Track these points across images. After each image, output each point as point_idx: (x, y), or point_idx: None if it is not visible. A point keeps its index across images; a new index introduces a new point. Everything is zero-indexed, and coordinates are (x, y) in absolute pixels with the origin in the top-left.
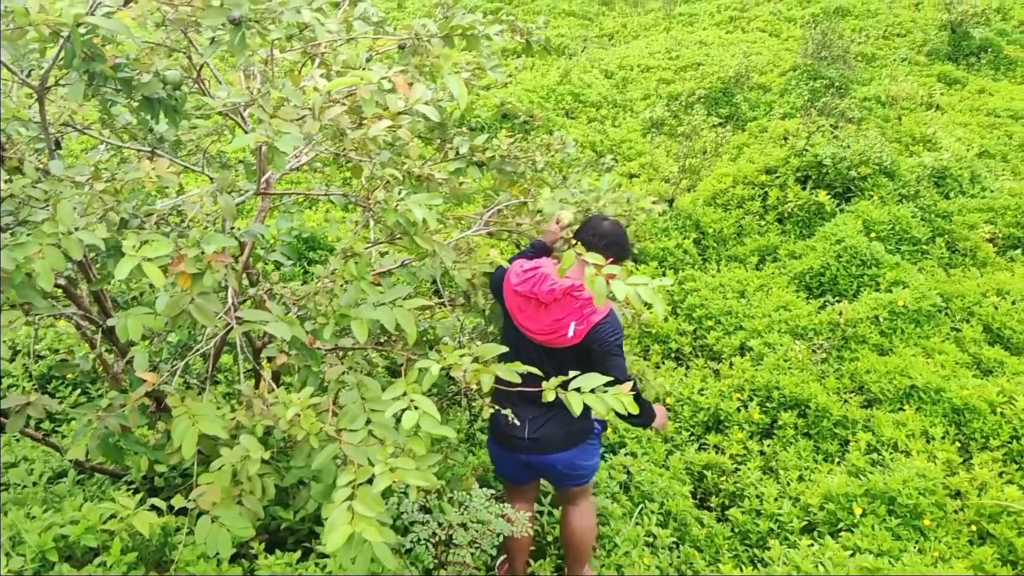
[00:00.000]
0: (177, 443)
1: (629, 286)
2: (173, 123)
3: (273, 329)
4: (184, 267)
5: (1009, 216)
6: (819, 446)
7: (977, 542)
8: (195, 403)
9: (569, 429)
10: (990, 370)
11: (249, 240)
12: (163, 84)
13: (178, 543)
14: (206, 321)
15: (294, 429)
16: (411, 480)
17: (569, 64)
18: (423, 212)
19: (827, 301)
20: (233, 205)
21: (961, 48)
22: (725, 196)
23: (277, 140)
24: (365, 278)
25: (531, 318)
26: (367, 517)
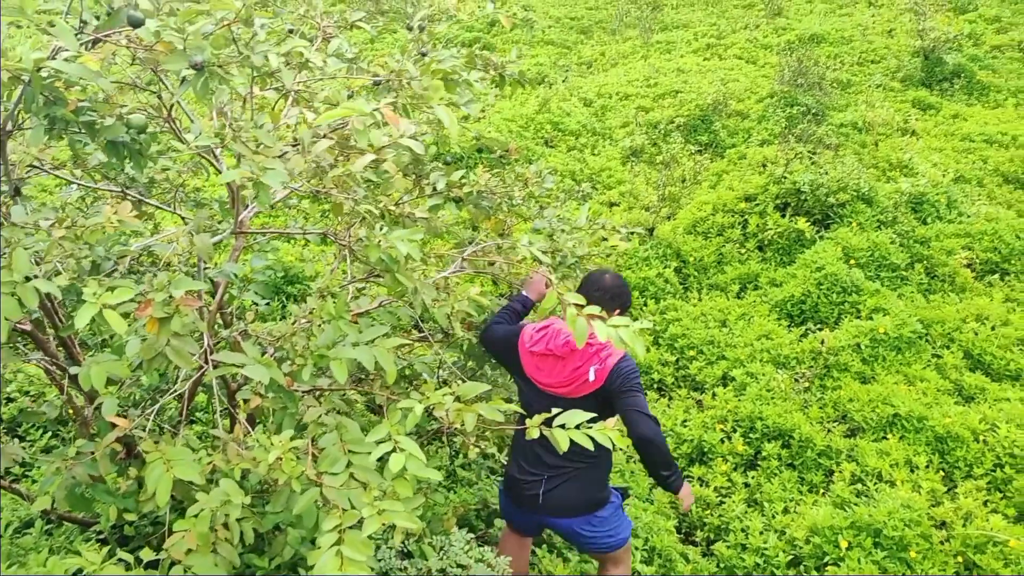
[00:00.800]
0: (151, 490)
1: (611, 328)
2: (138, 166)
3: (250, 372)
4: (151, 312)
5: (986, 241)
6: (803, 477)
7: (964, 573)
8: (169, 448)
9: (586, 495)
10: (972, 397)
11: (223, 280)
12: (127, 128)
13: None
14: (183, 364)
15: (275, 473)
16: (400, 522)
17: (548, 93)
18: (407, 247)
19: (809, 329)
20: (210, 244)
21: (934, 74)
22: (705, 224)
23: (262, 176)
24: (344, 317)
25: (550, 374)
26: (358, 561)
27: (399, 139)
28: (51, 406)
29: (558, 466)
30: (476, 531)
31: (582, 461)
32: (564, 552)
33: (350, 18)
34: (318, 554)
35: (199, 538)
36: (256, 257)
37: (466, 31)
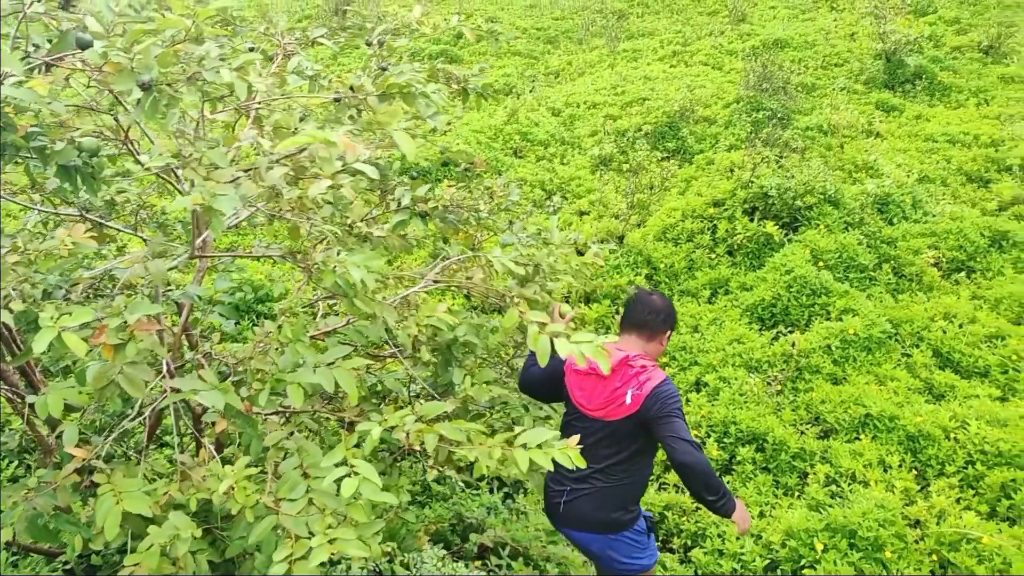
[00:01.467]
0: (100, 523)
1: (573, 344)
2: (91, 190)
3: (205, 398)
4: (105, 338)
5: (951, 240)
6: (778, 480)
7: (938, 571)
8: (122, 480)
9: (602, 514)
10: (942, 395)
11: (187, 302)
12: (79, 152)
13: None
14: (135, 392)
15: (229, 503)
16: (351, 551)
17: (516, 103)
18: (361, 274)
19: (780, 332)
20: (164, 270)
21: (896, 76)
22: (675, 230)
23: (214, 202)
24: (301, 340)
25: (590, 395)
26: None
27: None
28: (11, 437)
29: (581, 479)
30: (451, 546)
31: (604, 480)
32: (541, 565)
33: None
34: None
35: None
36: (220, 278)
37: (433, 44)
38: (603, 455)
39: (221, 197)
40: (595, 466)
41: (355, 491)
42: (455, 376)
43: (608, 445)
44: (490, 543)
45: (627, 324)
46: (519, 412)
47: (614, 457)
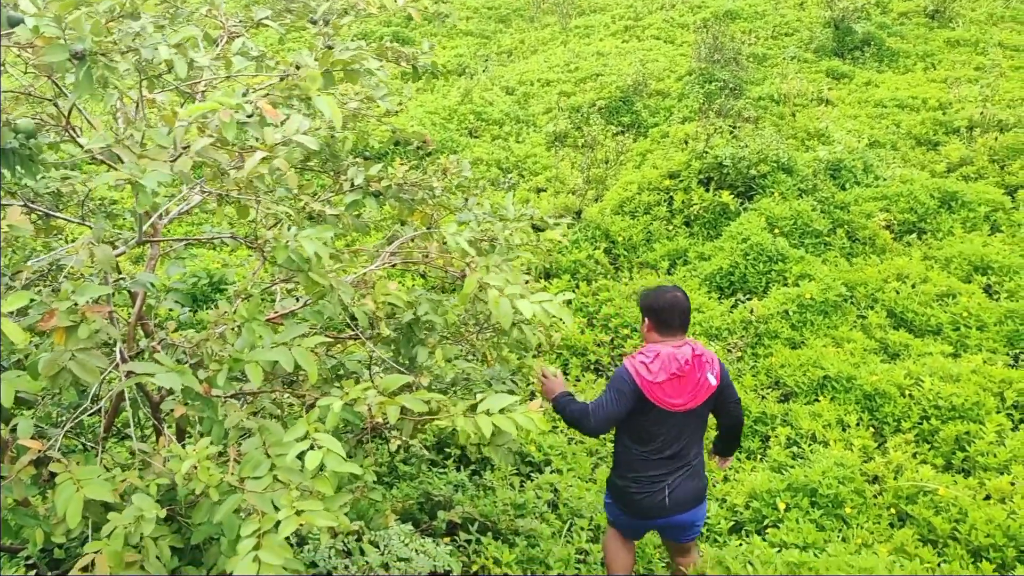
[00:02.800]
0: (61, 512)
1: (535, 304)
2: (30, 173)
3: (163, 380)
4: (56, 321)
5: (902, 202)
6: (741, 444)
7: (897, 524)
8: (80, 468)
9: (701, 484)
10: (897, 354)
11: (140, 290)
12: (15, 133)
13: None
14: (88, 378)
15: (192, 483)
16: (319, 522)
17: (470, 83)
18: (315, 247)
19: (738, 300)
20: (111, 255)
21: (845, 43)
22: (632, 204)
23: (141, 178)
24: (258, 319)
25: (678, 393)
26: (274, 565)
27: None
28: None
29: (679, 467)
30: (420, 524)
31: (695, 457)
32: (510, 538)
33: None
34: (236, 560)
35: (111, 558)
36: (172, 265)
37: (384, 27)
38: (695, 438)
39: (150, 173)
40: (689, 451)
41: (319, 463)
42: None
43: (696, 428)
44: (458, 519)
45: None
46: (482, 387)
47: (697, 433)
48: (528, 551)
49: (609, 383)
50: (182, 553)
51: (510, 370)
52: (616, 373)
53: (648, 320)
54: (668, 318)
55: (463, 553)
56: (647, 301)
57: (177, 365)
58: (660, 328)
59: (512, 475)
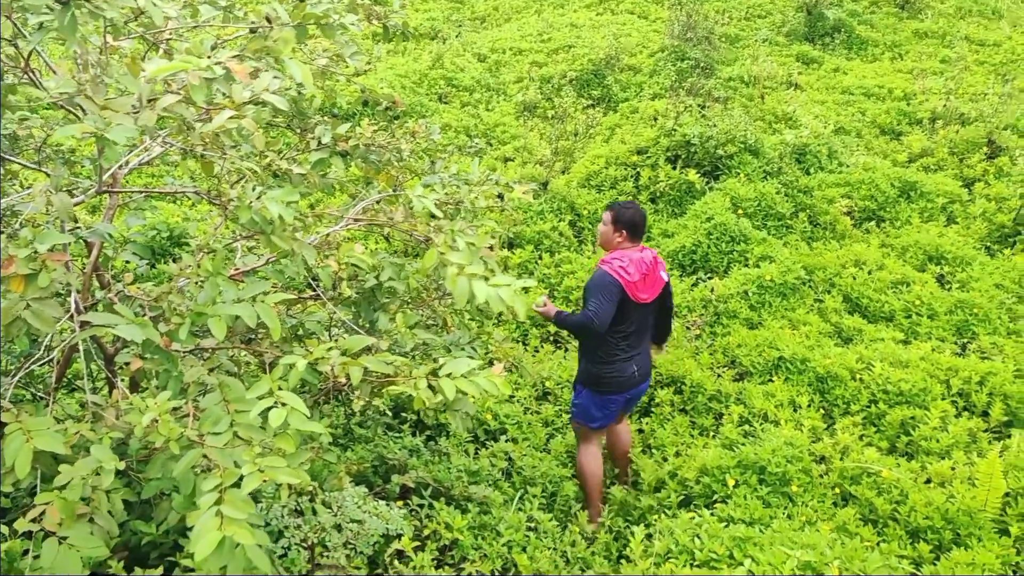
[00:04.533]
0: (10, 462)
1: (491, 288)
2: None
3: (123, 332)
4: (15, 268)
5: (864, 190)
6: (695, 421)
7: (841, 504)
8: (31, 418)
9: (649, 361)
10: (850, 338)
11: (96, 240)
12: None
13: (24, 569)
14: (44, 327)
15: (152, 436)
16: (282, 478)
17: (442, 48)
18: (279, 209)
19: (700, 278)
20: (70, 203)
21: (817, 28)
22: (599, 177)
23: (107, 131)
24: (221, 274)
25: (644, 289)
26: (238, 520)
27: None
28: None
29: (641, 345)
30: (373, 487)
31: (648, 338)
32: (463, 504)
33: None
34: (197, 514)
35: (62, 509)
36: (131, 216)
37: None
38: (648, 324)
39: (116, 126)
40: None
41: (283, 421)
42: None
43: (650, 316)
44: (412, 484)
45: (640, 235)
46: (441, 354)
47: (650, 320)
48: (480, 518)
49: (594, 290)
50: (131, 507)
51: (470, 337)
52: (600, 280)
53: (623, 231)
54: (639, 228)
55: (415, 517)
56: (627, 215)
57: (137, 317)
58: (631, 237)
59: (467, 442)
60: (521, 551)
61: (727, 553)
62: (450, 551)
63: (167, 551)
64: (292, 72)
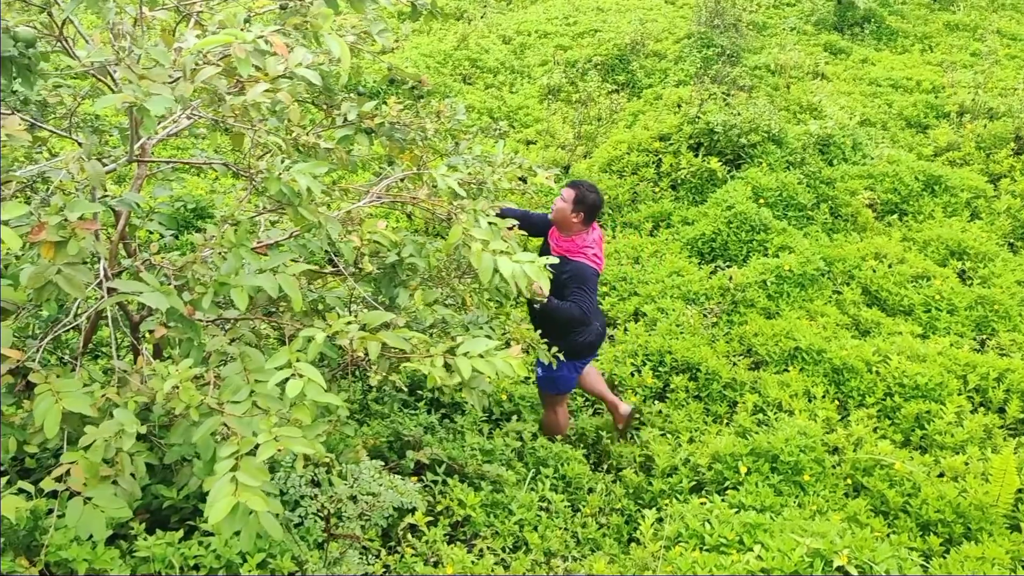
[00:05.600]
0: (39, 422)
1: (515, 263)
2: (27, 83)
3: (148, 300)
4: (46, 235)
5: (887, 183)
6: (709, 408)
7: (852, 494)
8: (60, 380)
9: None
10: (867, 331)
11: (124, 209)
12: (14, 41)
13: (49, 527)
14: (75, 292)
15: (173, 402)
16: (297, 448)
17: (467, 29)
18: (307, 181)
19: (718, 266)
20: (102, 171)
21: (846, 18)
22: (620, 163)
23: (146, 101)
24: (245, 245)
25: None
26: (251, 487)
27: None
28: None
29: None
30: (388, 462)
31: None
32: (476, 482)
33: None
34: (214, 480)
35: (87, 470)
36: (159, 187)
37: None
38: None
39: (154, 97)
40: None
41: (300, 391)
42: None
43: None
44: (427, 460)
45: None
46: (459, 332)
47: None
48: (493, 496)
49: (580, 283)
50: (153, 472)
51: (489, 317)
52: (582, 273)
53: (582, 213)
54: (596, 214)
55: (428, 493)
56: (590, 198)
57: (162, 286)
58: (587, 220)
59: (482, 422)
60: (532, 530)
61: (736, 539)
62: (462, 527)
63: (187, 515)
64: (330, 47)
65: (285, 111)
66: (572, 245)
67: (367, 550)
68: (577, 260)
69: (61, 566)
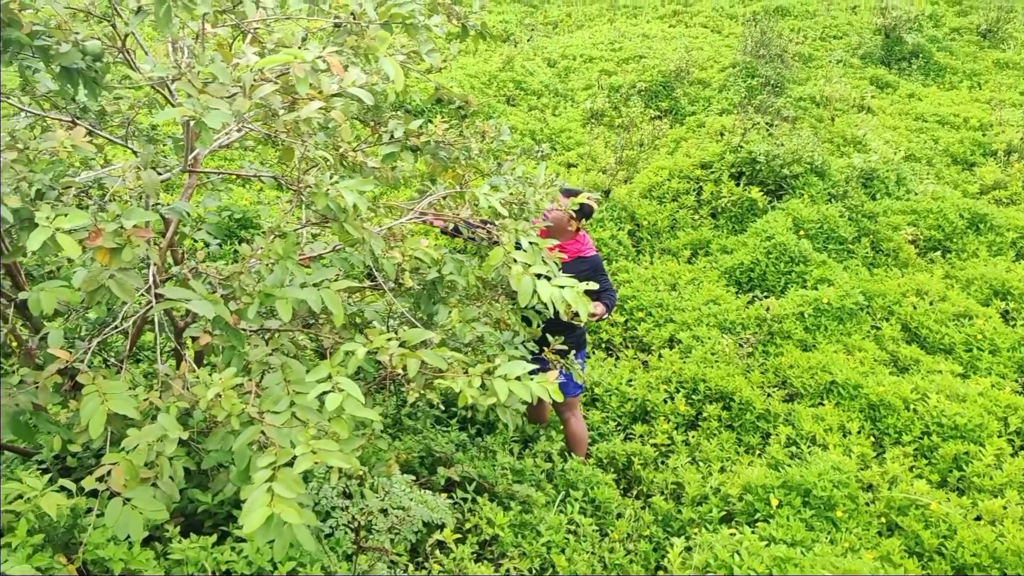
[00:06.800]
0: (85, 422)
1: (555, 288)
2: (93, 95)
3: (196, 307)
4: (102, 241)
5: (931, 219)
6: (741, 438)
7: (886, 534)
8: (107, 382)
9: None
10: (906, 368)
11: (174, 217)
12: (83, 55)
13: (88, 525)
14: (126, 297)
15: (215, 409)
16: (333, 462)
17: (512, 51)
18: (354, 198)
19: (755, 296)
20: (157, 181)
21: (894, 52)
22: (661, 189)
23: (205, 116)
24: (291, 257)
25: None
26: (287, 498)
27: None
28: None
29: None
30: (419, 477)
31: None
32: (506, 502)
33: None
34: (250, 489)
35: (127, 471)
36: (209, 197)
37: None
38: None
39: (212, 111)
40: None
41: (339, 406)
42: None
43: None
44: (457, 477)
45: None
46: (495, 350)
47: None
48: (521, 516)
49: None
50: (189, 476)
51: (526, 337)
52: (599, 264)
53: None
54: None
55: (458, 510)
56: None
57: (210, 294)
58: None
59: (513, 441)
60: (560, 552)
61: (766, 572)
62: (490, 546)
63: (220, 520)
64: (387, 70)
65: (337, 128)
66: (578, 244)
67: (395, 564)
68: (590, 255)
69: (98, 565)
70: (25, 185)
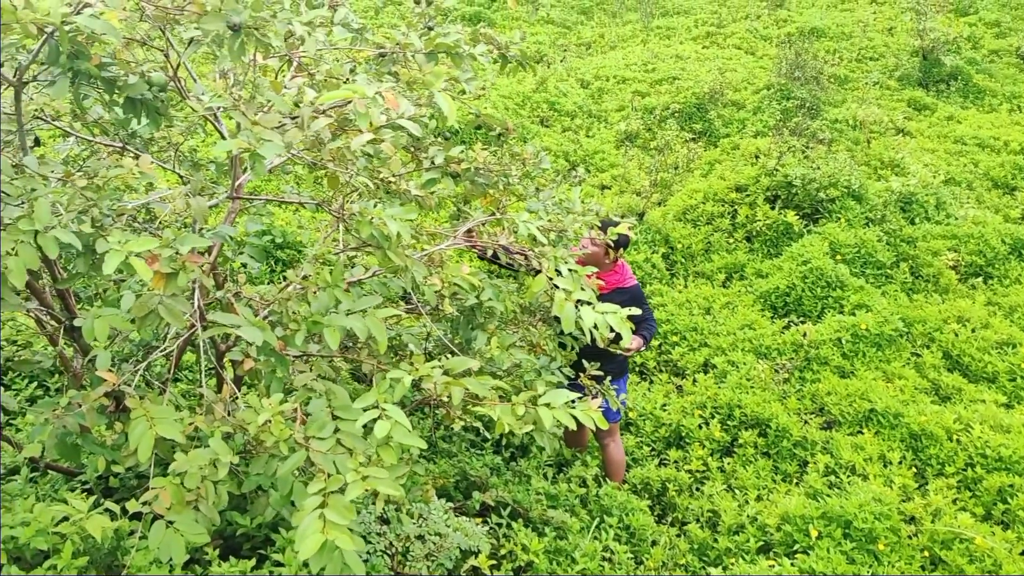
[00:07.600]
0: (133, 445)
1: (598, 314)
2: (155, 124)
3: (245, 334)
4: (159, 266)
5: (972, 244)
6: (778, 466)
7: (929, 568)
8: (154, 406)
9: None
10: (948, 396)
11: (217, 241)
12: (149, 86)
13: (131, 547)
14: (175, 322)
15: (263, 435)
16: (383, 489)
17: (546, 72)
18: (397, 226)
19: (791, 321)
20: (206, 207)
21: (931, 75)
22: (695, 212)
23: (259, 147)
24: (339, 285)
25: None
26: (339, 525)
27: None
28: (45, 356)
29: None
30: (454, 501)
31: None
32: (540, 527)
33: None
34: (302, 515)
35: (175, 495)
36: (251, 221)
37: (466, 5)
38: None
39: (266, 143)
40: None
41: (387, 433)
42: (478, 340)
43: None
44: (492, 502)
45: None
46: (532, 376)
47: None
48: (556, 542)
49: (643, 302)
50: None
51: (564, 363)
52: (639, 294)
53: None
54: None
55: (492, 535)
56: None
57: (257, 319)
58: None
59: (547, 465)
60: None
61: None
62: (525, 572)
63: (259, 544)
64: (440, 105)
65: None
66: (616, 275)
67: None
68: (630, 285)
69: None
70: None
